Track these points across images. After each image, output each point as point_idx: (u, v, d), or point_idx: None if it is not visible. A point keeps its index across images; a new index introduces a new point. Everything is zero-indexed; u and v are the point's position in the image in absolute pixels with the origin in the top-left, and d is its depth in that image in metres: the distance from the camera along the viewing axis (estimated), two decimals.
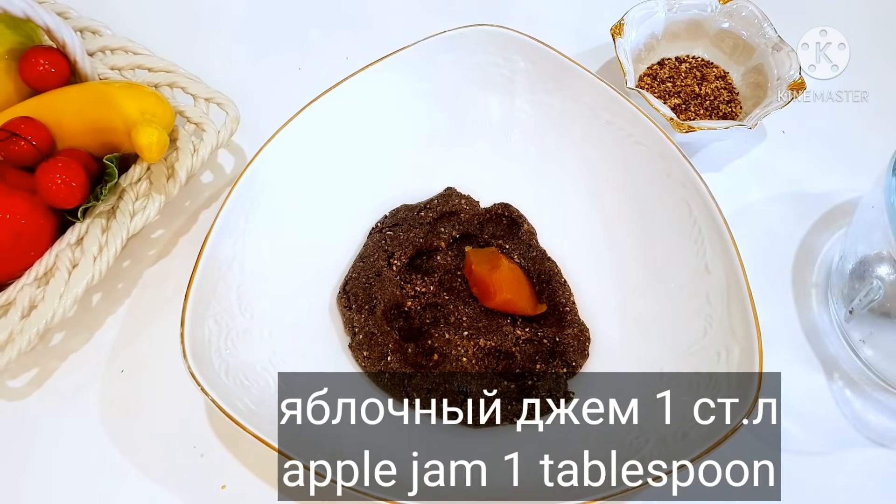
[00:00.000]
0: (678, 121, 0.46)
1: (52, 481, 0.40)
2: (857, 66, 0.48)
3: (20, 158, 0.41)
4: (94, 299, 0.45)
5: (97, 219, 0.42)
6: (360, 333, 0.41)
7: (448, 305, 0.42)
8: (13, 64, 0.44)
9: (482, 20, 0.45)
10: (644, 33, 0.52)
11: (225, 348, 0.38)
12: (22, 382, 0.43)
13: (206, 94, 0.47)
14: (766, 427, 0.41)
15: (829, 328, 0.45)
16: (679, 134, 0.46)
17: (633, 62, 0.50)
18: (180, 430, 0.40)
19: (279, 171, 0.42)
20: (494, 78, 0.46)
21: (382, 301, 0.41)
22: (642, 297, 0.42)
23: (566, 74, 0.44)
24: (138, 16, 0.57)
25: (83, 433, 0.41)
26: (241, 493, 0.39)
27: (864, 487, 0.41)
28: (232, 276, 0.40)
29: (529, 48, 0.45)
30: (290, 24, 0.59)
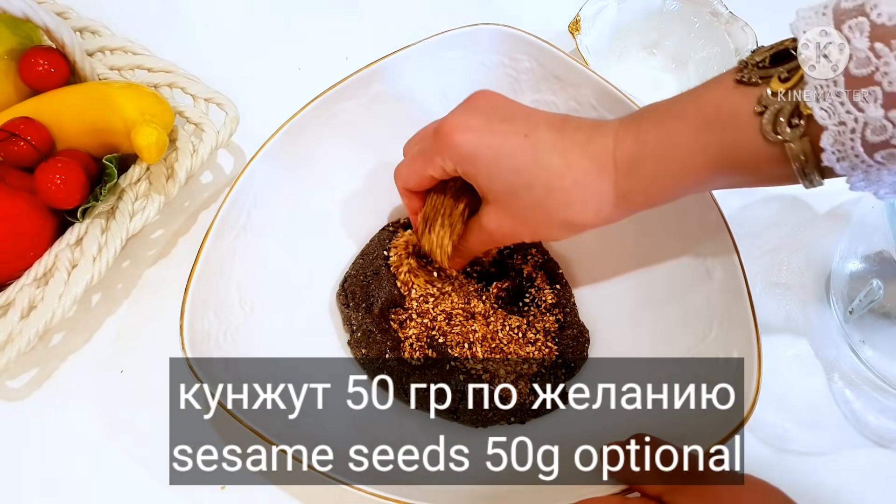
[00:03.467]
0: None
1: (52, 481, 0.40)
2: None
3: (20, 159, 0.41)
4: (94, 299, 0.45)
5: (97, 219, 0.42)
6: (357, 331, 0.41)
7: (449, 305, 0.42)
8: (13, 64, 0.44)
9: (482, 20, 0.45)
10: (601, 28, 0.53)
11: (224, 342, 0.38)
12: (22, 382, 0.43)
13: (206, 94, 0.47)
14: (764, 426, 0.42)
15: (829, 328, 0.45)
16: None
17: (597, 56, 0.51)
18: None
19: (279, 169, 0.42)
20: (499, 77, 0.46)
21: (380, 299, 0.41)
22: (642, 298, 0.42)
23: (571, 74, 0.44)
24: (138, 16, 0.57)
25: (83, 433, 0.41)
26: (241, 493, 0.39)
27: (864, 487, 0.41)
28: (232, 271, 0.40)
29: (534, 48, 0.45)
30: (290, 24, 0.59)
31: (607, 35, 0.54)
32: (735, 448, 0.32)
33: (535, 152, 0.33)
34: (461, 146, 0.34)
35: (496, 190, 0.34)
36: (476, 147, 0.34)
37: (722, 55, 0.53)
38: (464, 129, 0.34)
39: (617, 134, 0.33)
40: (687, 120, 0.31)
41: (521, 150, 0.33)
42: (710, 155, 0.30)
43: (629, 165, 0.32)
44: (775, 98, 0.27)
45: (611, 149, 0.33)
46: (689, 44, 0.55)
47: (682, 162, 0.31)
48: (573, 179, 0.33)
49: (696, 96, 0.31)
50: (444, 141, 0.34)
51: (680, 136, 0.31)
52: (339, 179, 0.45)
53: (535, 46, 0.45)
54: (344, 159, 0.45)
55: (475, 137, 0.34)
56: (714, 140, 0.30)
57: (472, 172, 0.34)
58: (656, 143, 0.32)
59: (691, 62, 0.55)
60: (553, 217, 0.34)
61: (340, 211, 0.46)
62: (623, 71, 0.56)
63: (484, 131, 0.34)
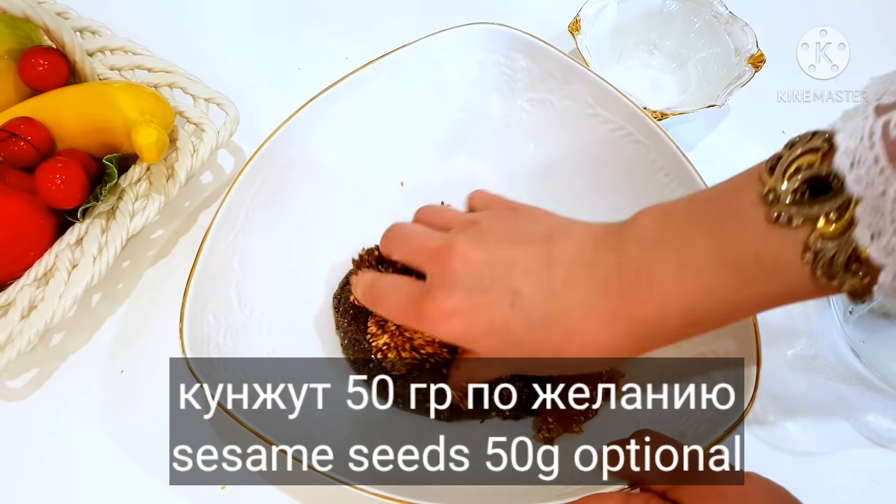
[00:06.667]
0: (650, 110, 0.47)
1: (52, 481, 0.40)
2: (857, 66, 0.48)
3: (20, 159, 0.41)
4: (94, 299, 0.45)
5: (97, 219, 0.42)
6: (345, 338, 0.41)
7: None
8: (13, 64, 0.44)
9: (481, 20, 0.45)
10: (601, 28, 0.53)
11: (224, 342, 0.38)
12: (22, 382, 0.43)
13: (206, 94, 0.47)
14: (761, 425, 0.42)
15: (829, 328, 0.45)
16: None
17: (597, 56, 0.51)
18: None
19: (279, 169, 0.42)
20: (495, 76, 0.47)
21: (365, 310, 0.40)
22: None
23: (567, 73, 0.44)
24: (138, 16, 0.57)
25: (83, 433, 0.41)
26: (241, 493, 0.39)
27: (864, 487, 0.41)
28: (231, 272, 0.40)
29: (530, 46, 0.45)
30: (290, 24, 0.59)
31: (607, 35, 0.54)
32: (735, 448, 0.32)
33: (526, 321, 0.30)
34: (449, 334, 0.32)
35: (496, 355, 0.32)
36: (466, 332, 0.31)
37: (722, 55, 0.53)
38: (447, 316, 0.31)
39: (622, 285, 0.29)
40: (719, 272, 0.26)
41: (512, 323, 0.30)
42: (752, 303, 0.27)
43: (647, 323, 0.29)
44: (825, 242, 0.24)
45: (620, 309, 0.29)
46: (689, 44, 0.55)
47: (720, 314, 0.28)
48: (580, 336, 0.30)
49: (719, 236, 0.26)
50: (431, 328, 0.32)
51: (714, 294, 0.27)
52: (339, 179, 0.45)
53: (531, 45, 0.45)
54: (344, 159, 0.45)
55: (461, 323, 0.31)
56: (756, 291, 0.26)
57: (468, 349, 0.34)
58: (681, 301, 0.28)
59: (691, 62, 0.55)
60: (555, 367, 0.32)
61: (340, 211, 0.45)
62: (623, 71, 0.56)
63: (468, 313, 0.31)
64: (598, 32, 0.53)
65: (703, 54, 0.54)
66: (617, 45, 0.56)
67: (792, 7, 0.59)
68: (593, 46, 0.51)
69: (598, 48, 0.53)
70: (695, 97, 0.53)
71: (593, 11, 0.53)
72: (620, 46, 0.56)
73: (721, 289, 0.27)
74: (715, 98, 0.50)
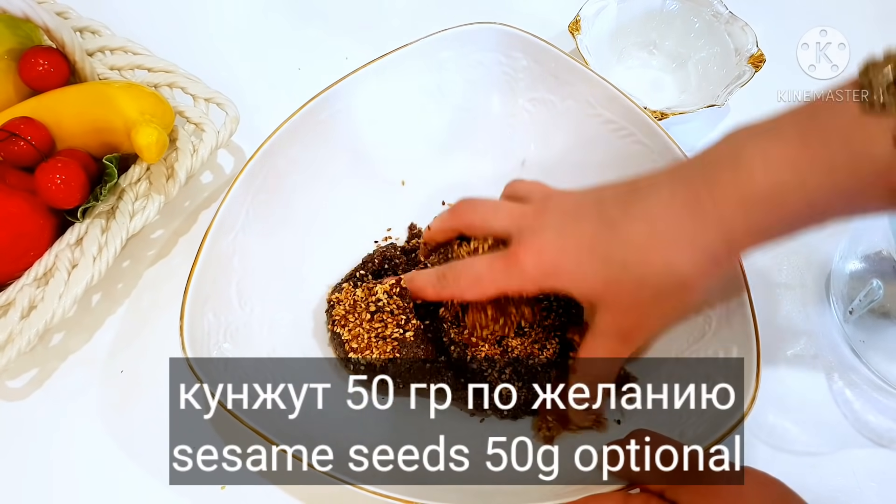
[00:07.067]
0: (650, 110, 0.47)
1: (52, 481, 0.40)
2: (856, 66, 0.48)
3: (20, 159, 0.41)
4: (94, 299, 0.45)
5: (97, 219, 0.42)
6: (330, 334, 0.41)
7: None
8: (13, 64, 0.44)
9: (482, 20, 0.45)
10: (601, 28, 0.53)
11: (224, 342, 0.38)
12: (22, 382, 0.43)
13: (206, 94, 0.47)
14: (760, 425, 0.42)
15: (829, 328, 0.45)
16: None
17: (597, 56, 0.51)
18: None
19: (279, 169, 0.42)
20: (496, 76, 0.47)
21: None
22: None
23: (568, 73, 0.44)
24: (138, 16, 0.57)
25: (83, 433, 0.41)
26: (241, 493, 0.39)
27: (864, 487, 0.41)
28: (231, 271, 0.40)
29: (532, 46, 0.45)
30: (290, 24, 0.59)
31: (607, 35, 0.54)
32: (735, 448, 0.32)
33: (612, 230, 0.31)
34: (541, 268, 0.32)
35: (598, 289, 0.32)
36: (558, 261, 0.32)
37: (722, 55, 0.52)
38: (539, 252, 0.33)
39: (704, 175, 0.30)
40: (805, 152, 0.27)
41: (600, 234, 0.31)
42: (837, 194, 0.27)
43: (730, 205, 0.29)
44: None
45: (703, 193, 0.29)
46: (689, 44, 0.55)
47: (804, 201, 0.28)
48: (663, 235, 0.30)
49: (810, 126, 0.27)
50: (522, 271, 0.33)
51: (800, 174, 0.27)
52: (339, 178, 0.45)
53: (532, 45, 0.45)
54: (344, 158, 0.45)
55: (553, 252, 0.32)
56: (843, 180, 0.26)
57: (560, 288, 0.33)
58: (765, 178, 0.28)
59: (691, 62, 0.55)
60: (664, 286, 0.31)
61: (340, 210, 0.45)
62: (623, 71, 0.56)
63: (559, 241, 0.32)
64: (598, 32, 0.53)
65: (703, 54, 0.54)
66: (617, 45, 0.56)
67: (792, 7, 0.59)
68: (593, 46, 0.51)
69: (598, 48, 0.53)
70: (695, 97, 0.53)
71: (593, 11, 0.53)
72: (620, 46, 0.56)
73: (808, 172, 0.26)
74: (715, 98, 0.50)
